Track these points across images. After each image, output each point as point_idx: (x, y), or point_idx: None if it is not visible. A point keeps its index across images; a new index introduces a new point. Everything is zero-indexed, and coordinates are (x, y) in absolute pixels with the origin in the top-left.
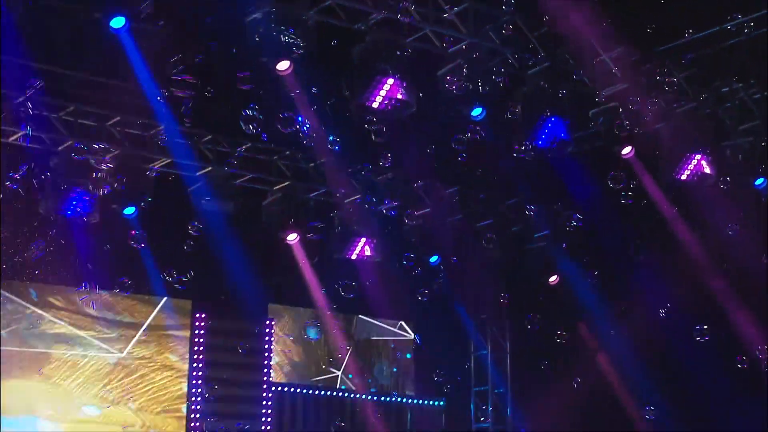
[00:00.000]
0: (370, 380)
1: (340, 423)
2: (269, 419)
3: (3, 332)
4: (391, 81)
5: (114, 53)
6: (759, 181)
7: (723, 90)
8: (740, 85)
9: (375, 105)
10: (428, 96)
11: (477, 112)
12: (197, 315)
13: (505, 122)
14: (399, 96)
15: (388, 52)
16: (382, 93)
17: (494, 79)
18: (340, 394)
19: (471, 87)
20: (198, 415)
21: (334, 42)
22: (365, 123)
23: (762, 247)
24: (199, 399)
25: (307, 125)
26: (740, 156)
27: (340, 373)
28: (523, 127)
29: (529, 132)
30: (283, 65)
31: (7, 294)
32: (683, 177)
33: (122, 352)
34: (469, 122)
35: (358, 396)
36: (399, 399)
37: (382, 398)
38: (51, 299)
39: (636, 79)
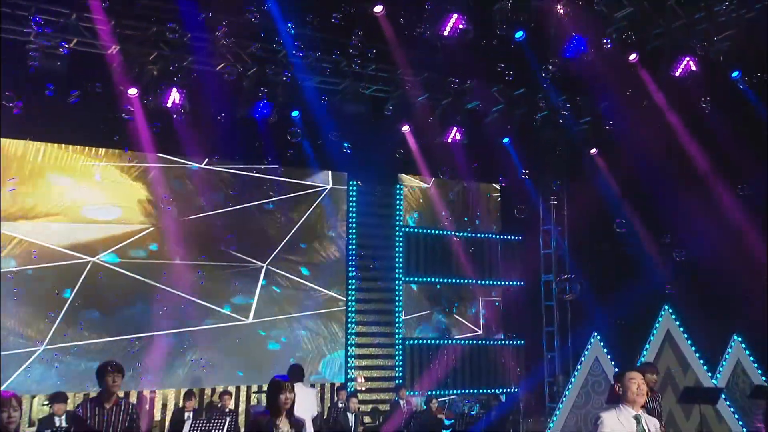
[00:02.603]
0: (464, 219)
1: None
2: (401, 251)
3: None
4: (455, 16)
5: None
6: (735, 74)
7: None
8: (722, 6)
9: (445, 33)
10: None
11: (519, 34)
12: (351, 182)
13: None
14: (461, 26)
15: None
16: (450, 24)
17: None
18: (446, 232)
19: (515, 17)
20: (353, 247)
21: None
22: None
23: None
24: (354, 239)
25: None
26: (721, 56)
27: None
28: (555, 44)
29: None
30: (378, 8)
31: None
32: (677, 74)
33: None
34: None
35: (457, 234)
36: (488, 235)
37: (478, 235)
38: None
39: (642, 4)
